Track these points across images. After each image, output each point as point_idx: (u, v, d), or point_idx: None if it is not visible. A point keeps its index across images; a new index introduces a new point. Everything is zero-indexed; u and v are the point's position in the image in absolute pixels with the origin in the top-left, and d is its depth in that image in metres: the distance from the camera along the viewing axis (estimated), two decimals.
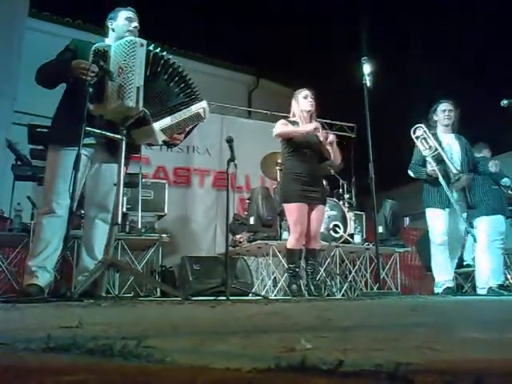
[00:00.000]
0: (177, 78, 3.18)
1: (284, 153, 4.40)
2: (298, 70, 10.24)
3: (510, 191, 5.35)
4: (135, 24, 3.36)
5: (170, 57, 3.19)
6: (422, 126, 4.75)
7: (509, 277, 5.66)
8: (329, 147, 4.30)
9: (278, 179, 6.17)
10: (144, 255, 5.55)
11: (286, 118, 4.54)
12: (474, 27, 10.08)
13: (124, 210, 4.98)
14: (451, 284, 4.62)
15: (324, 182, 4.87)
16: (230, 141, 3.93)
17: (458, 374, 0.51)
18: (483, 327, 1.31)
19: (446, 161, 4.58)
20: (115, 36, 3.33)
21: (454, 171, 4.52)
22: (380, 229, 6.22)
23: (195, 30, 11.10)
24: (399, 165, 4.85)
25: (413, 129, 4.80)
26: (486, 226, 5.09)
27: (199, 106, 3.23)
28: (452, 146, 4.76)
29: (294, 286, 4.17)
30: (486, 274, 4.94)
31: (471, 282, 6.31)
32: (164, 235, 5.56)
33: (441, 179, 4.56)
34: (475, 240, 5.03)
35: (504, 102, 4.66)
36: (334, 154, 4.36)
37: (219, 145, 7.41)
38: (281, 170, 5.09)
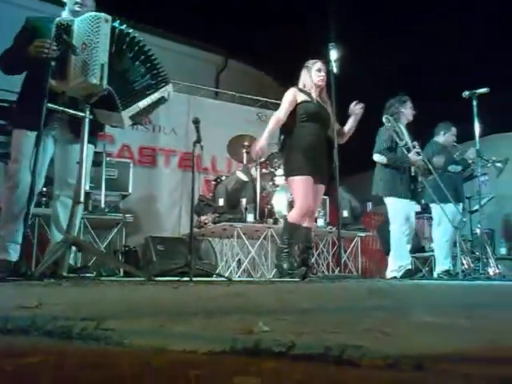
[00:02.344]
0: (143, 57, 3.13)
1: (296, 121, 4.03)
2: (266, 52, 10.20)
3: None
4: None
5: (136, 34, 3.13)
6: (391, 118, 4.81)
7: (464, 262, 5.85)
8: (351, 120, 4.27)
9: (244, 162, 6.19)
10: (107, 235, 5.49)
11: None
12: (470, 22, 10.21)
13: (87, 188, 4.90)
14: (410, 266, 4.84)
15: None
16: (196, 122, 3.90)
17: (401, 358, 0.54)
18: (437, 312, 1.37)
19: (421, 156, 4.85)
20: (67, 9, 3.30)
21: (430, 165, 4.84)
22: (345, 213, 6.33)
23: (164, 7, 10.87)
24: (363, 151, 4.92)
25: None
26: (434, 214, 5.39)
27: (165, 90, 3.22)
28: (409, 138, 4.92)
29: (286, 265, 3.86)
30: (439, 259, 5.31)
31: (428, 266, 6.54)
32: (128, 215, 5.52)
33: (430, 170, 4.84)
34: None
35: (465, 93, 4.83)
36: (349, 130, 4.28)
37: (186, 125, 7.30)
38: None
